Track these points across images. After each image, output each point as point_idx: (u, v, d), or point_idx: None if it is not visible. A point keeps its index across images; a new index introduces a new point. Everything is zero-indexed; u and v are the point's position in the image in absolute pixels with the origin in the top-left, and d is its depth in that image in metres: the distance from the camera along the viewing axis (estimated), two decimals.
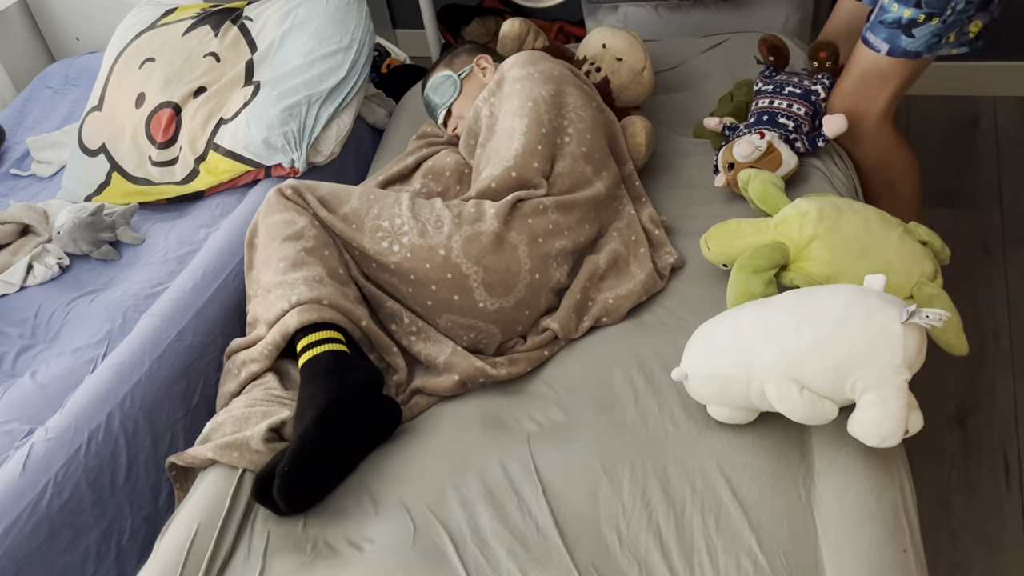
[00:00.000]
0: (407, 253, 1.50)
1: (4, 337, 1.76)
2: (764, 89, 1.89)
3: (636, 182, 1.79)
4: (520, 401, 1.48)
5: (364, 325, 1.48)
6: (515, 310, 1.54)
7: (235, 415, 1.42)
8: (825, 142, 1.81)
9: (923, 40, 1.72)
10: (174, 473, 1.44)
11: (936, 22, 1.69)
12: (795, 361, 1.17)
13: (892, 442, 1.13)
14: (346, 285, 1.49)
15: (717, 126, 1.90)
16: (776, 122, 1.81)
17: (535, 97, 1.69)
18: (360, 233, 1.52)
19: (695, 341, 1.30)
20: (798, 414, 1.17)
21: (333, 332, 1.43)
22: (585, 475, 1.28)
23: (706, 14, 2.50)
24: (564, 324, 1.55)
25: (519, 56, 1.80)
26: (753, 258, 1.46)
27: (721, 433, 1.28)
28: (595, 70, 1.94)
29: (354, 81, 2.08)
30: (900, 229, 1.46)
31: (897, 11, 1.71)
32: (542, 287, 1.56)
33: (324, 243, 1.51)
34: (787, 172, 1.74)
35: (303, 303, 1.42)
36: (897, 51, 1.75)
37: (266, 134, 1.96)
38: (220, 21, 2.16)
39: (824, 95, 1.85)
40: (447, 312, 1.52)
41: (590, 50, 1.99)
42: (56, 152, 2.31)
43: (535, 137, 1.64)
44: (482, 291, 1.50)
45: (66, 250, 1.91)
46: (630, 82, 1.94)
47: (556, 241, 1.58)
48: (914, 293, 1.40)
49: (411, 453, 1.40)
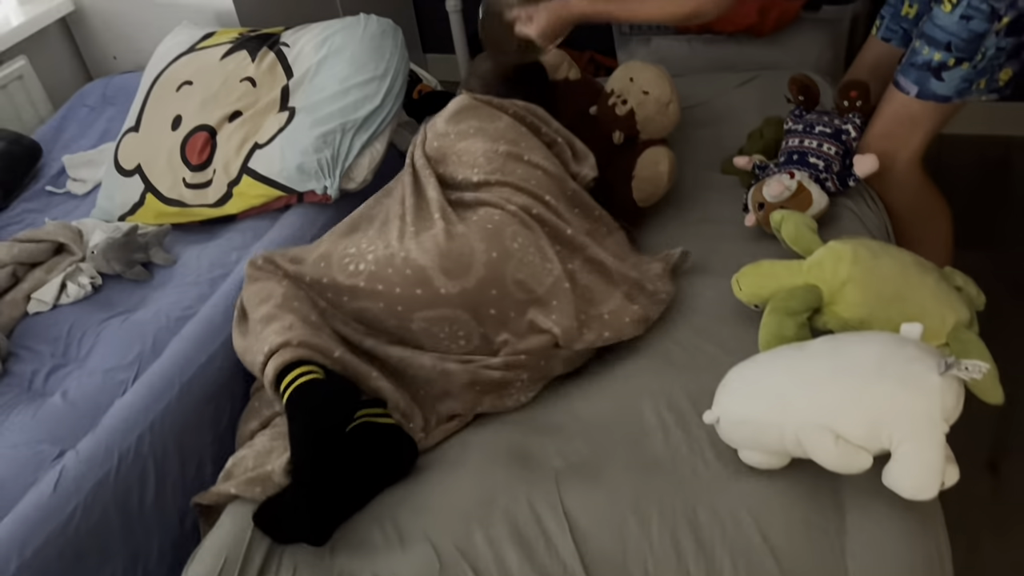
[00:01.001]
0: (372, 267, 1.55)
1: (36, 355, 1.78)
2: (794, 128, 1.89)
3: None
4: (547, 435, 1.48)
5: (337, 356, 1.49)
6: (478, 291, 1.53)
7: (257, 449, 1.45)
8: (856, 181, 1.80)
9: (953, 84, 1.72)
10: (199, 510, 1.46)
11: (966, 67, 1.69)
12: (830, 410, 1.16)
13: (927, 495, 1.11)
14: (319, 328, 1.52)
15: (747, 165, 1.90)
16: (806, 161, 1.81)
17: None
18: (330, 269, 1.57)
19: (728, 384, 1.30)
20: (832, 463, 1.15)
21: (307, 367, 1.44)
22: (613, 514, 1.27)
23: (739, 49, 2.51)
24: (566, 329, 1.54)
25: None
26: (786, 300, 1.45)
27: (752, 477, 1.27)
28: (621, 103, 1.96)
29: (388, 109, 2.10)
30: (936, 274, 1.45)
31: (927, 54, 1.72)
32: (502, 265, 1.55)
33: (293, 296, 1.55)
34: (818, 212, 1.74)
35: (274, 351, 1.44)
36: (927, 94, 1.75)
37: (300, 160, 1.97)
38: (257, 46, 2.18)
39: (855, 134, 1.84)
40: (416, 310, 1.53)
41: (617, 84, 2.01)
42: (91, 170, 2.33)
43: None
44: (441, 277, 1.52)
45: (99, 270, 1.93)
46: (656, 114, 1.96)
47: (507, 227, 1.59)
48: (950, 340, 1.39)
49: (437, 485, 1.40)
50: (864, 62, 2.06)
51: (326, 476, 1.35)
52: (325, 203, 2.02)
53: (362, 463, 1.41)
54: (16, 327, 1.85)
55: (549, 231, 1.64)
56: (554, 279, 1.58)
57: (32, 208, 2.26)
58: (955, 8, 1.66)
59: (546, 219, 1.65)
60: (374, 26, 2.17)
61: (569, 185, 1.77)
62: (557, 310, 1.56)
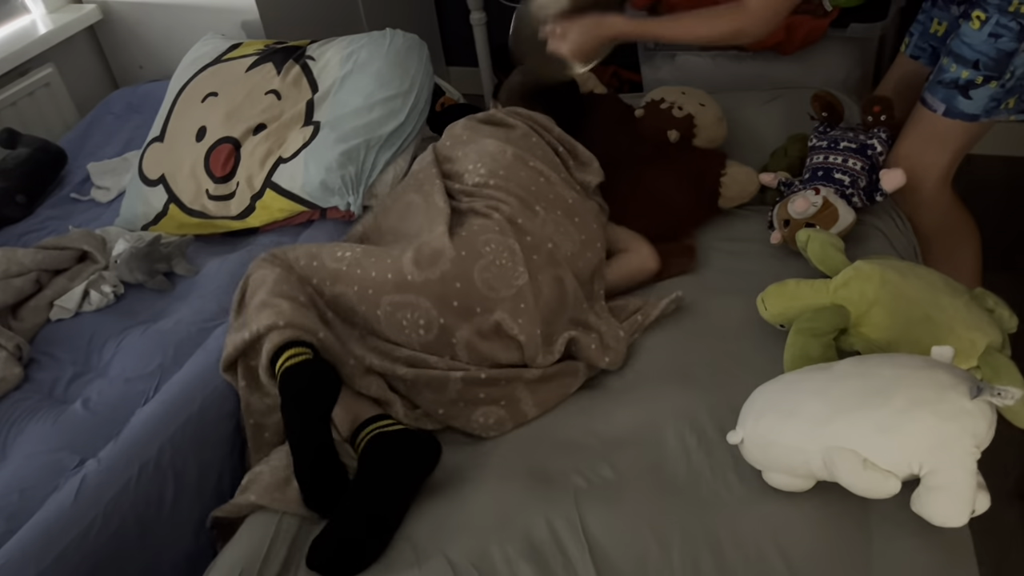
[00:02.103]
0: (357, 256, 1.63)
1: (57, 363, 1.78)
2: (819, 144, 1.88)
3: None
4: (567, 454, 1.46)
5: (321, 336, 1.54)
6: (442, 283, 1.56)
7: (273, 464, 1.46)
8: (883, 196, 1.78)
9: (981, 103, 1.70)
10: (215, 530, 1.46)
11: (994, 85, 1.67)
12: (858, 433, 1.14)
13: (957, 523, 1.09)
14: (307, 309, 1.57)
15: (772, 181, 1.89)
16: (831, 177, 1.80)
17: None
18: (321, 256, 1.66)
19: (753, 404, 1.28)
20: (859, 487, 1.13)
21: (297, 348, 1.49)
22: (633, 537, 1.25)
23: (765, 66, 2.50)
24: (531, 336, 1.58)
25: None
26: (812, 321, 1.44)
27: (777, 501, 1.25)
28: (677, 108, 2.02)
29: (413, 126, 2.10)
30: (966, 296, 1.43)
31: (955, 71, 1.70)
32: (470, 263, 1.58)
33: (284, 279, 1.60)
34: (844, 228, 1.72)
35: (263, 334, 1.51)
36: (954, 112, 1.73)
37: (324, 176, 1.97)
38: (283, 59, 2.19)
39: (880, 149, 1.82)
40: (384, 294, 1.58)
41: (669, 95, 2.06)
42: (115, 179, 2.35)
43: None
44: (410, 264, 1.58)
45: (122, 278, 1.93)
46: (712, 123, 2.03)
47: (481, 234, 1.62)
48: (981, 363, 1.36)
49: (454, 501, 1.39)
50: (892, 80, 2.04)
51: (320, 448, 1.42)
52: (348, 219, 2.03)
53: (388, 473, 1.41)
54: (38, 334, 1.86)
55: (530, 241, 1.66)
56: (522, 284, 1.60)
57: (56, 215, 2.27)
58: (984, 25, 1.64)
59: (528, 230, 1.67)
60: (399, 41, 2.17)
61: (569, 194, 1.79)
62: (524, 314, 1.58)
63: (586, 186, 1.87)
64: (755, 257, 1.81)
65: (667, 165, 1.95)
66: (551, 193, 1.76)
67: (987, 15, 1.63)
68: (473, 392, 1.57)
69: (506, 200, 1.69)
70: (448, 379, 1.56)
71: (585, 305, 1.70)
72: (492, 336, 1.59)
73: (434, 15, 3.56)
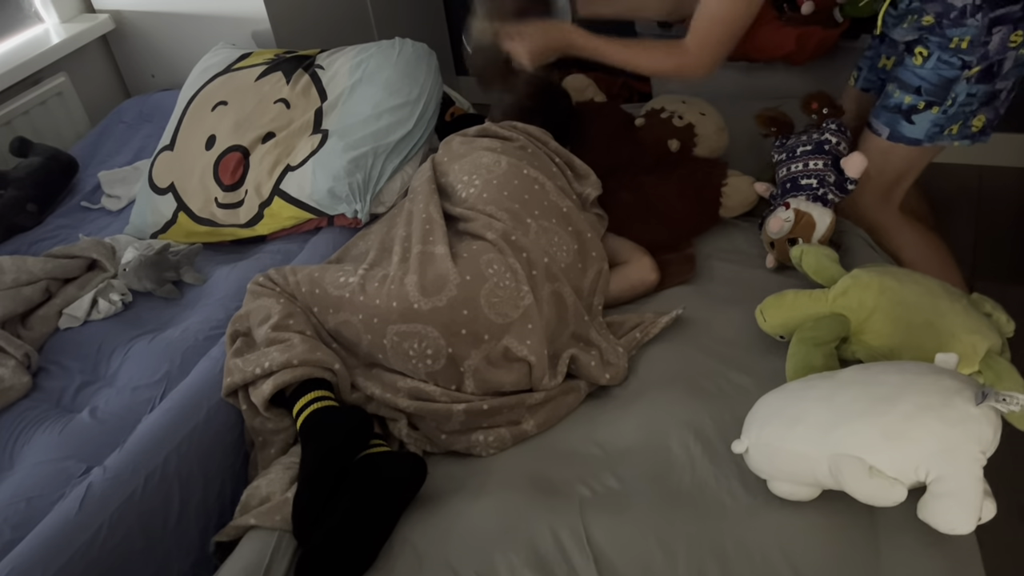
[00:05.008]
0: (360, 281, 1.61)
1: (65, 371, 1.79)
2: (780, 158, 1.92)
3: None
4: (571, 463, 1.46)
5: (336, 368, 1.55)
6: (450, 310, 1.54)
7: (271, 478, 1.46)
8: (853, 184, 1.80)
9: (923, 128, 1.74)
10: (217, 553, 1.46)
11: (936, 111, 1.71)
12: (864, 441, 1.13)
13: (964, 530, 1.08)
14: (315, 340, 1.59)
15: (765, 192, 1.92)
16: (799, 185, 1.82)
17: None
18: (323, 282, 1.64)
19: (757, 413, 1.27)
20: (865, 495, 1.12)
21: (319, 392, 1.50)
22: (638, 547, 1.24)
23: (774, 76, 2.49)
24: (540, 357, 1.57)
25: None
26: (813, 330, 1.43)
27: (782, 510, 1.24)
28: (677, 117, 2.02)
29: (420, 134, 2.10)
30: (964, 301, 1.43)
31: (898, 96, 1.75)
32: (476, 287, 1.56)
33: (290, 313, 1.61)
34: (824, 231, 1.74)
35: (275, 370, 1.51)
36: (897, 136, 1.78)
37: (331, 184, 1.98)
38: (292, 68, 2.20)
39: (835, 140, 1.85)
40: (390, 323, 1.55)
41: (669, 104, 2.06)
42: (126, 187, 2.36)
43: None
44: (416, 292, 1.55)
45: (130, 287, 1.94)
46: (713, 133, 2.03)
47: (483, 255, 1.61)
48: (982, 368, 1.36)
49: (458, 511, 1.38)
50: (847, 111, 2.05)
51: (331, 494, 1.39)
52: (355, 226, 2.03)
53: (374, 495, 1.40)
54: (47, 342, 1.87)
55: (527, 257, 1.65)
56: (528, 304, 1.59)
57: (67, 224, 2.28)
58: (926, 61, 1.69)
59: (523, 245, 1.65)
60: (409, 51, 2.18)
61: (564, 203, 1.78)
62: (532, 335, 1.57)
63: (584, 198, 1.87)
64: (755, 266, 1.81)
65: (668, 174, 1.95)
66: (545, 200, 1.75)
67: (929, 51, 1.68)
68: (476, 422, 1.56)
69: (497, 215, 1.68)
70: (451, 412, 1.54)
71: (586, 318, 1.70)
72: (500, 362, 1.58)
73: (444, 25, 3.57)
